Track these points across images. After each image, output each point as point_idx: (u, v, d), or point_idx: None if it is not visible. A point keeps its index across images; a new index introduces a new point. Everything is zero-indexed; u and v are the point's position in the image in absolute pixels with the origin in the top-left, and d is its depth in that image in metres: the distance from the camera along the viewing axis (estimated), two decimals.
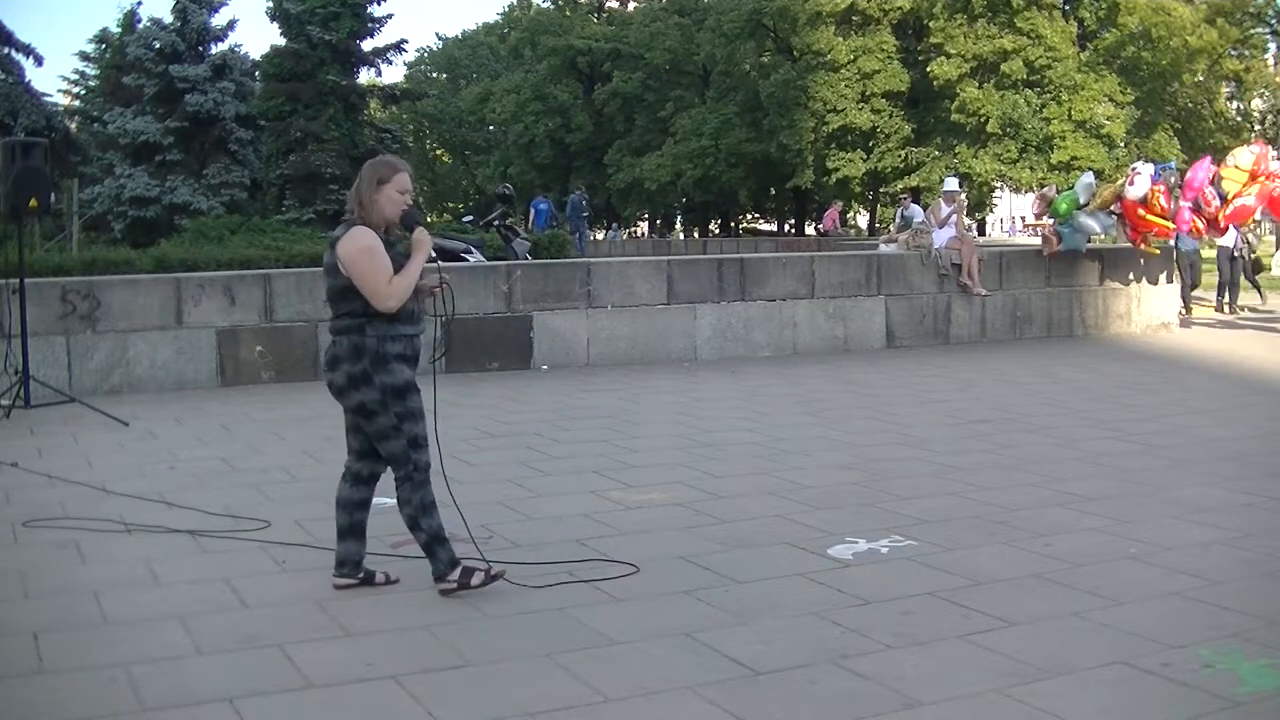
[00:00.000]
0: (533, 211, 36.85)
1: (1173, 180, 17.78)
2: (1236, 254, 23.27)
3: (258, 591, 6.03)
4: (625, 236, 68.75)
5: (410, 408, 5.78)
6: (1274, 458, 9.13)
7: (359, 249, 5.65)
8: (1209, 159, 18.62)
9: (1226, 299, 23.49)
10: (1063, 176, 39.89)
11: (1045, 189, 21.14)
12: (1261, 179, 17.56)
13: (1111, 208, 18.03)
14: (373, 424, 5.79)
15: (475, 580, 5.85)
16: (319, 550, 6.67)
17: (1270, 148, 19.52)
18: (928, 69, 47.03)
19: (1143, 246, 18.51)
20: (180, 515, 7.55)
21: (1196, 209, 17.92)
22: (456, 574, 5.84)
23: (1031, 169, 44.96)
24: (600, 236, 62.86)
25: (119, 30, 47.42)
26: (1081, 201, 18.07)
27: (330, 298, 5.82)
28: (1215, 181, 17.89)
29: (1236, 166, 17.87)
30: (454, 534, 6.02)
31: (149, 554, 6.70)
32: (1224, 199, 17.87)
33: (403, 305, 5.71)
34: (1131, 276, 18.97)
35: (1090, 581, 6.02)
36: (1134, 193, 17.51)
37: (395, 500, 5.88)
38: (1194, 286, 23.37)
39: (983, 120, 45.46)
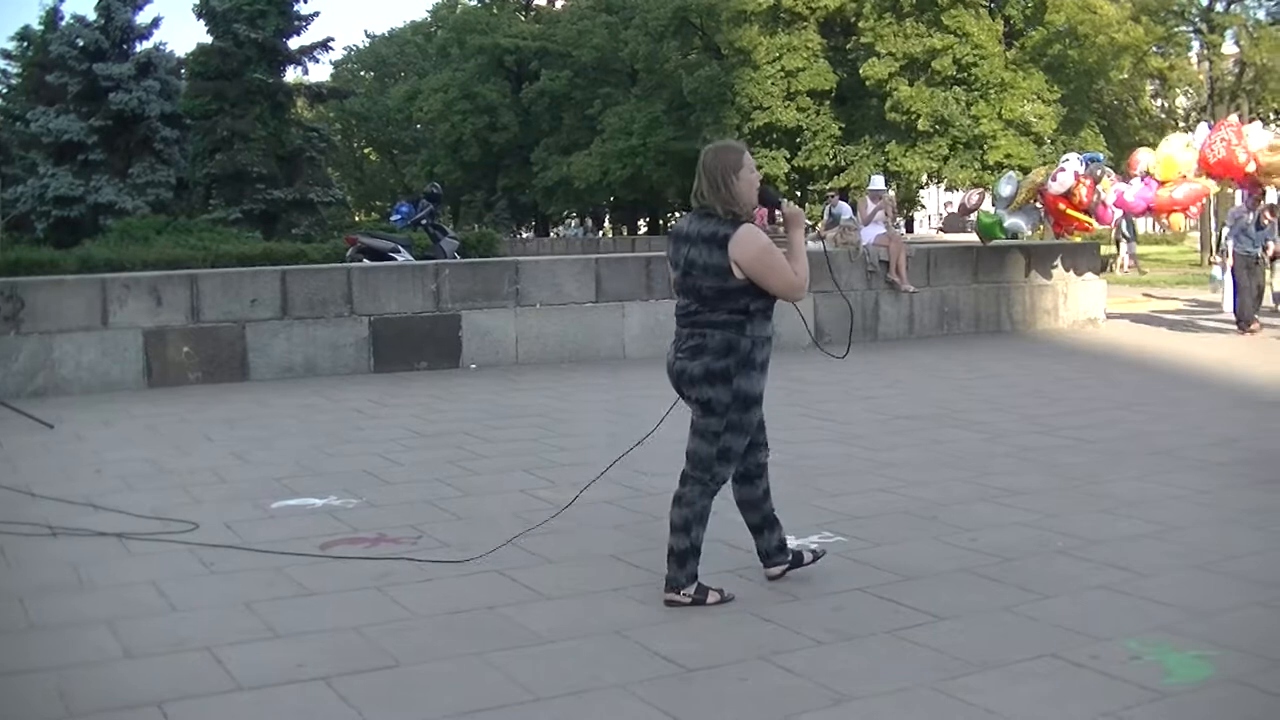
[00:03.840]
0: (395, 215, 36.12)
1: (1099, 172, 17.87)
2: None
3: (186, 594, 5.97)
4: (602, 235, 68.53)
5: (746, 421, 5.62)
6: (1200, 451, 9.23)
7: (760, 249, 5.43)
8: (1150, 188, 17.86)
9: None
10: (997, 176, 40.20)
11: (970, 194, 21.17)
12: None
13: (1034, 201, 18.18)
14: (704, 420, 5.64)
15: (710, 599, 5.69)
16: (247, 552, 6.63)
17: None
18: (859, 69, 47.23)
19: (1067, 237, 18.72)
20: (107, 518, 7.46)
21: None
22: (692, 589, 5.68)
23: (963, 166, 45.29)
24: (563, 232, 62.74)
25: (41, 28, 46.82)
26: (1004, 212, 18.24)
27: (707, 296, 5.52)
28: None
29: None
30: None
31: (76, 558, 6.61)
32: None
33: (769, 303, 5.56)
34: (1058, 273, 19.14)
35: (1019, 576, 6.07)
36: (1056, 188, 17.63)
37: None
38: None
39: (914, 118, 45.72)
